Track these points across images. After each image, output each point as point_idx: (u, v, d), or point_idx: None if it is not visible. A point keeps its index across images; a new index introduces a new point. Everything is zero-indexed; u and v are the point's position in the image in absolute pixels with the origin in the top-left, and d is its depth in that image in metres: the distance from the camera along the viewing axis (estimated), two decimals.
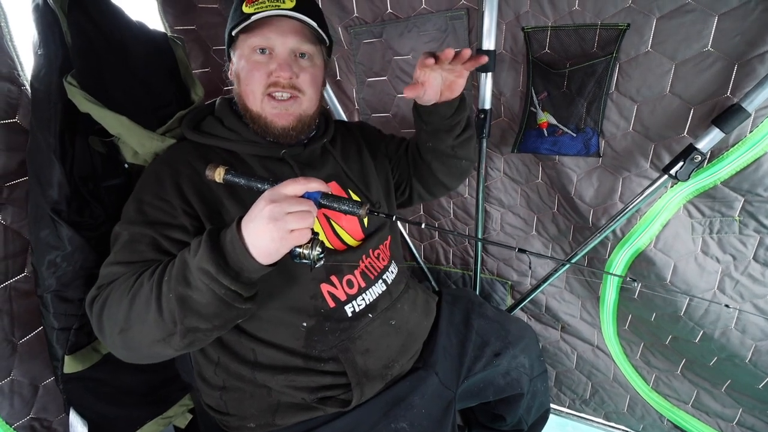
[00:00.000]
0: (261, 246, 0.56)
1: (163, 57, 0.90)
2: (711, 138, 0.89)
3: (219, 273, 0.57)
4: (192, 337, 0.62)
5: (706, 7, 0.85)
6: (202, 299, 0.58)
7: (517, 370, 1.03)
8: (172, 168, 0.75)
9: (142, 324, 0.61)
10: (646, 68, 0.95)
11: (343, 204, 0.59)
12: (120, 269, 0.68)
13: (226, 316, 0.62)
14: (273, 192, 0.57)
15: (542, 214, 1.30)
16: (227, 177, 0.63)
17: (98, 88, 0.75)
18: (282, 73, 0.74)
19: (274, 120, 0.78)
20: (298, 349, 0.79)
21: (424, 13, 1.14)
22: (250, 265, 0.57)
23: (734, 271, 1.04)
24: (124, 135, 0.78)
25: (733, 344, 1.07)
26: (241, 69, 0.78)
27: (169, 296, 0.59)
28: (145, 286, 0.62)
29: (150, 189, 0.73)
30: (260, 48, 0.75)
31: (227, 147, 0.81)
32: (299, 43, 0.76)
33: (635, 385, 1.32)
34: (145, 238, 0.69)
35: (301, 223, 0.55)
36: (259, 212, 0.56)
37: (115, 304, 0.64)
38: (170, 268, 0.61)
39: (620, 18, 0.93)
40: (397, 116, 1.35)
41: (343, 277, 0.82)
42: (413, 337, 0.90)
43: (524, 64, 1.09)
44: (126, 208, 0.74)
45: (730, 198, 0.98)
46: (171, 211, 0.71)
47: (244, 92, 0.78)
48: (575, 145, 1.08)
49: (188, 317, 0.59)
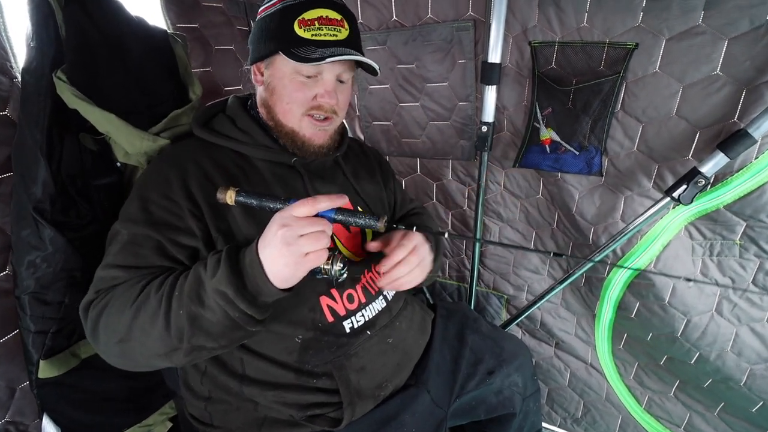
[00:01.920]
0: (276, 271, 0.56)
1: (162, 54, 0.88)
2: (716, 162, 0.88)
3: (237, 296, 0.56)
4: (195, 355, 0.62)
5: (717, 31, 0.85)
6: (214, 319, 0.58)
7: (510, 389, 1.01)
8: (180, 166, 0.72)
9: (145, 337, 0.60)
10: (653, 89, 0.94)
11: (359, 218, 0.58)
12: (121, 274, 0.65)
13: (234, 337, 0.62)
14: (284, 215, 0.56)
15: (541, 229, 1.28)
16: (239, 199, 0.61)
17: (89, 84, 0.72)
18: (329, 100, 0.74)
19: (312, 139, 0.77)
20: (291, 363, 0.76)
21: (430, 22, 1.12)
22: (268, 290, 0.57)
23: (732, 294, 1.03)
24: (112, 133, 0.75)
25: (728, 367, 1.06)
26: (279, 85, 0.75)
27: (179, 313, 0.58)
28: (152, 298, 0.60)
29: (156, 187, 0.70)
30: (308, 74, 0.73)
31: (239, 149, 0.78)
32: (345, 69, 0.76)
33: (628, 405, 1.31)
34: (149, 241, 0.66)
35: (316, 245, 0.54)
36: (273, 237, 0.55)
37: (116, 313, 0.61)
38: (181, 282, 0.60)
39: (629, 37, 0.93)
40: (398, 125, 1.34)
41: (344, 291, 0.80)
42: (408, 356, 0.88)
43: (530, 78, 1.08)
44: (127, 206, 0.70)
45: (732, 222, 0.97)
46: (178, 212, 0.68)
47: (281, 108, 0.76)
48: (577, 164, 1.06)
49: (197, 336, 0.59)
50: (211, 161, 0.74)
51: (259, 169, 0.79)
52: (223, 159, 0.76)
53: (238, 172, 0.76)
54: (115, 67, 0.79)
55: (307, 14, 0.70)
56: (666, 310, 1.08)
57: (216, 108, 0.85)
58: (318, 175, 0.84)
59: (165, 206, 0.68)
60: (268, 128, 0.80)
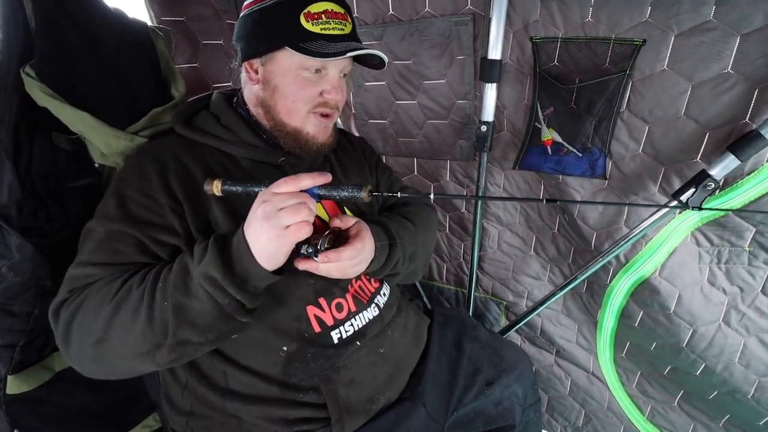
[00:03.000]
0: (261, 248, 0.55)
1: (142, 49, 0.83)
2: (725, 165, 0.85)
3: (225, 280, 0.55)
4: (181, 351, 0.59)
5: (729, 26, 0.80)
6: (202, 309, 0.56)
7: (510, 399, 0.97)
8: (159, 162, 0.68)
9: (126, 334, 0.57)
10: (661, 88, 0.90)
11: (342, 191, 0.58)
12: (98, 271, 0.61)
13: (222, 329, 0.60)
14: (264, 192, 0.56)
15: (542, 234, 1.24)
16: (225, 188, 0.61)
17: (61, 81, 0.68)
18: (336, 96, 0.72)
19: (316, 136, 0.75)
20: (275, 376, 0.72)
21: (428, 16, 1.08)
22: (257, 272, 0.56)
23: (741, 303, 0.99)
24: (86, 133, 0.71)
25: (736, 379, 1.03)
26: (283, 83, 0.71)
27: (164, 304, 0.56)
28: (134, 292, 0.57)
29: (134, 184, 0.66)
30: (315, 69, 0.70)
31: (223, 148, 0.75)
32: (349, 63, 0.74)
33: (630, 415, 1.27)
34: (127, 237, 0.63)
35: (295, 216, 0.54)
36: (253, 214, 0.56)
37: (93, 311, 0.58)
38: (166, 273, 0.58)
39: (636, 33, 0.88)
40: (395, 123, 1.29)
41: (333, 300, 0.76)
42: (402, 366, 0.84)
43: (531, 76, 1.03)
44: (104, 204, 0.66)
45: (741, 228, 0.93)
46: (158, 209, 0.65)
47: (285, 107, 0.72)
48: (580, 166, 1.02)
49: (182, 328, 0.56)
50: (193, 158, 0.71)
51: (244, 168, 0.75)
52: (205, 156, 0.73)
53: (221, 170, 0.72)
54: (90, 62, 0.74)
55: (312, 7, 0.67)
56: (671, 320, 1.04)
57: (199, 104, 0.81)
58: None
59: (144, 203, 0.65)
60: (256, 126, 0.77)
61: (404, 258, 0.81)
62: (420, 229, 0.87)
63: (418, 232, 0.86)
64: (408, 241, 0.81)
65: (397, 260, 0.79)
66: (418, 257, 0.86)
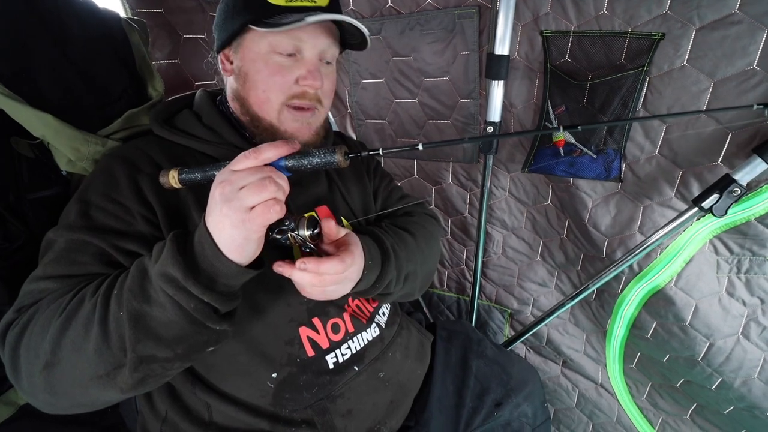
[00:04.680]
0: (226, 238, 0.46)
1: (114, 43, 0.74)
2: (751, 168, 0.80)
3: (188, 279, 0.46)
4: (146, 370, 0.49)
5: (755, 20, 0.75)
6: (164, 317, 0.47)
7: (519, 420, 0.91)
8: (130, 164, 0.61)
9: (78, 355, 0.48)
10: (680, 85, 0.84)
11: (314, 158, 0.49)
12: (51, 285, 0.53)
13: (192, 341, 0.50)
14: (222, 172, 0.47)
15: (549, 239, 1.18)
16: (183, 177, 0.53)
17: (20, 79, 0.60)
18: (314, 82, 0.62)
19: (295, 134, 0.66)
20: (264, 408, 0.65)
21: (430, 9, 1.01)
22: (225, 268, 0.47)
23: (761, 315, 0.94)
24: (50, 137, 0.63)
25: (754, 395, 0.97)
26: (252, 70, 0.63)
27: (120, 314, 0.47)
28: (86, 304, 0.49)
29: (100, 189, 0.59)
30: (288, 52, 0.62)
31: (203, 150, 0.67)
32: (329, 45, 0.64)
33: (640, 428, 1.22)
34: (88, 247, 0.55)
35: (260, 194, 0.44)
36: (212, 199, 0.47)
37: (40, 331, 0.49)
38: (122, 279, 0.50)
39: (654, 26, 0.82)
40: (393, 123, 1.22)
41: (328, 320, 0.69)
42: (404, 391, 0.77)
43: (540, 73, 0.97)
44: (66, 212, 0.59)
45: (764, 236, 0.87)
46: (125, 216, 0.58)
47: (257, 98, 0.64)
48: (595, 168, 0.96)
49: (143, 342, 0.47)
50: (168, 160, 0.63)
51: None
52: (184, 159, 0.65)
53: None
54: (55, 59, 0.66)
55: None
56: (686, 332, 0.99)
57: (180, 103, 0.74)
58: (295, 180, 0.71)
59: (110, 210, 0.57)
60: (241, 125, 0.69)
61: (398, 278, 0.69)
62: (421, 244, 0.77)
63: (419, 247, 0.76)
64: (405, 259, 0.70)
65: (389, 280, 0.66)
66: (416, 277, 0.74)
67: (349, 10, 1.09)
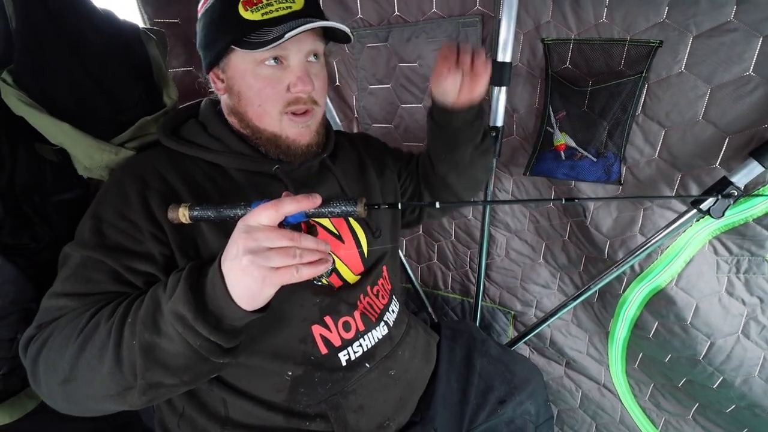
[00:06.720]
0: (241, 287, 0.47)
1: (132, 53, 0.77)
2: (748, 171, 0.81)
3: (196, 320, 0.48)
4: (154, 394, 0.52)
5: (750, 27, 0.77)
6: (173, 349, 0.50)
7: (522, 418, 0.93)
8: (140, 181, 0.62)
9: (92, 374, 0.51)
10: (678, 91, 0.87)
11: (334, 208, 0.49)
12: (68, 303, 0.56)
13: (197, 371, 0.53)
14: (247, 223, 0.47)
15: (551, 241, 1.20)
16: (194, 214, 0.51)
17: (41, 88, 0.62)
18: (304, 87, 0.63)
19: (297, 140, 0.68)
20: (280, 404, 0.67)
21: (435, 17, 1.04)
22: (231, 312, 0.48)
23: (761, 314, 0.95)
24: (67, 145, 0.65)
25: (755, 393, 0.99)
26: (244, 86, 0.64)
27: (132, 343, 0.50)
28: (101, 328, 0.52)
29: (112, 205, 0.61)
30: (272, 58, 0.62)
31: (211, 159, 0.69)
32: (313, 44, 0.64)
33: (643, 428, 1.23)
34: (101, 266, 0.57)
35: (287, 260, 0.45)
36: (234, 245, 0.47)
37: (59, 349, 0.52)
38: (137, 307, 0.52)
39: (652, 34, 0.85)
40: (399, 127, 1.25)
41: (340, 318, 0.71)
42: (412, 389, 0.79)
43: (542, 79, 0.99)
44: (81, 227, 0.61)
45: (761, 237, 0.89)
46: (136, 234, 0.59)
47: (255, 113, 0.66)
48: (595, 171, 0.98)
49: (152, 370, 0.50)
50: (177, 174, 0.65)
51: (236, 180, 0.69)
52: (192, 171, 0.67)
53: (209, 186, 0.66)
54: (74, 68, 0.68)
55: None
56: (687, 332, 1.00)
57: (187, 113, 0.76)
58: (303, 182, 0.74)
59: (121, 227, 0.59)
60: (244, 135, 0.71)
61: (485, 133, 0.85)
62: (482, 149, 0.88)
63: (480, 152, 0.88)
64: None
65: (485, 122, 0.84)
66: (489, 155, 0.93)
67: (357, 18, 1.12)
